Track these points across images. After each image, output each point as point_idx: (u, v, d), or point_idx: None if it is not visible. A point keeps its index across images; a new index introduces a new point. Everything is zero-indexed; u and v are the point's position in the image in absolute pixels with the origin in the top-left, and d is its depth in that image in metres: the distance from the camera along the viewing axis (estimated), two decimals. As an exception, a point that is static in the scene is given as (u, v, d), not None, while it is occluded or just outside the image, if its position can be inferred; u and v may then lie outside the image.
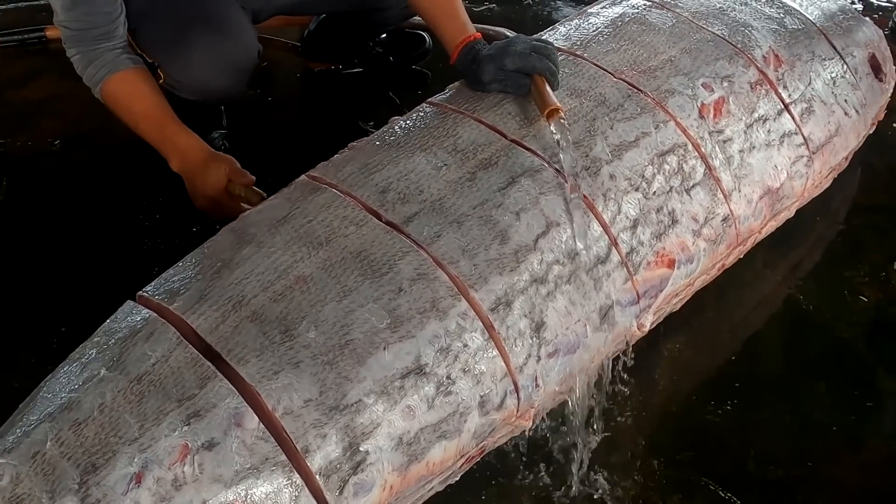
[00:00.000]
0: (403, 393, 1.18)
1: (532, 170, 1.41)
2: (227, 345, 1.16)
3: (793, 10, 1.89)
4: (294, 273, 1.24)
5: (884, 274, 1.88)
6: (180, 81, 1.91)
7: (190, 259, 1.31)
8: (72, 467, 1.05)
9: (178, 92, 1.95)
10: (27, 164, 2.12)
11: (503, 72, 1.52)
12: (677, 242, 1.48)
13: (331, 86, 2.44)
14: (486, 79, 1.53)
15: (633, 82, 1.60)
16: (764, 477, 1.49)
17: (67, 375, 1.16)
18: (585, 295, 1.36)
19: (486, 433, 1.28)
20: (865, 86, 1.90)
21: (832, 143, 1.78)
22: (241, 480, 1.07)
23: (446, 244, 1.30)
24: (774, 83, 1.72)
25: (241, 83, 2.01)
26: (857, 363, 1.70)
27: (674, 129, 1.56)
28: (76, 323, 1.66)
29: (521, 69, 1.51)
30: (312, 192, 1.38)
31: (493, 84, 1.54)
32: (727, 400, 1.60)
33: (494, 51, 1.55)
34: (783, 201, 1.69)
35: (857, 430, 1.57)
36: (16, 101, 2.32)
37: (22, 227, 1.95)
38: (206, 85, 1.92)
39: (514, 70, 1.51)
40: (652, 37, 1.71)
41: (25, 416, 1.12)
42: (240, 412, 1.10)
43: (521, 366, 1.28)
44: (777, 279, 1.86)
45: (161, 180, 2.06)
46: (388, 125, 1.53)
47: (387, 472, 1.16)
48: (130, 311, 1.23)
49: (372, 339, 1.19)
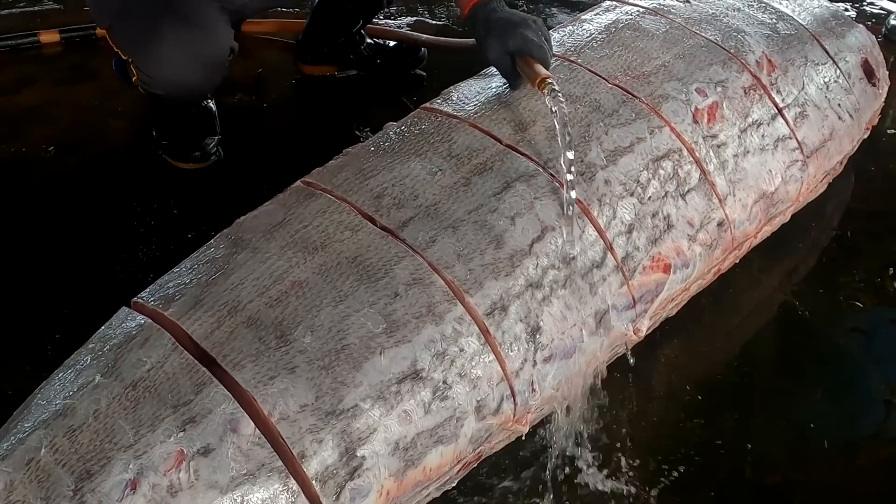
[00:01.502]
0: (400, 398, 1.18)
1: (527, 174, 1.41)
2: (223, 350, 1.15)
3: (785, 15, 1.89)
4: (290, 278, 1.24)
5: (879, 279, 1.88)
6: (151, 77, 1.91)
7: (185, 265, 1.31)
8: (66, 474, 1.04)
9: (150, 89, 1.95)
10: (20, 171, 2.12)
11: (508, 56, 1.52)
12: (673, 247, 1.49)
13: (325, 92, 2.44)
14: (491, 57, 1.55)
15: (628, 88, 1.60)
16: (761, 482, 1.49)
17: (62, 382, 1.15)
18: (581, 299, 1.36)
19: (483, 438, 1.27)
20: (859, 90, 1.90)
21: (826, 147, 1.79)
22: (236, 486, 1.07)
23: (441, 249, 1.30)
24: (768, 88, 1.72)
25: (211, 80, 2.01)
26: (853, 369, 1.70)
27: (668, 135, 1.56)
28: (70, 329, 1.67)
29: (521, 51, 1.51)
30: (308, 197, 1.38)
31: (494, 65, 1.56)
32: (723, 405, 1.60)
33: (503, 28, 1.53)
34: (778, 205, 1.69)
35: (853, 435, 1.58)
36: (8, 107, 2.31)
37: (15, 233, 1.94)
38: (175, 80, 1.91)
39: (515, 51, 1.51)
40: (646, 42, 1.71)
41: (20, 423, 1.11)
42: (235, 418, 1.10)
43: (518, 370, 1.28)
44: (772, 285, 1.86)
45: (155, 186, 2.06)
46: (383, 131, 1.53)
47: (383, 477, 1.16)
48: (125, 317, 1.23)
49: (368, 344, 1.19)
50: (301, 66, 2.51)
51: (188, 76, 1.92)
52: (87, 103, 2.32)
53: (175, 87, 1.95)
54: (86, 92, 2.36)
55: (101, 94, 2.35)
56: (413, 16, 2.79)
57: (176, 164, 2.13)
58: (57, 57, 1.94)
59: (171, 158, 2.14)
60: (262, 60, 2.55)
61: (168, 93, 1.97)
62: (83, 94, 2.36)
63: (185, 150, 2.13)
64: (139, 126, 2.19)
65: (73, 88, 1.79)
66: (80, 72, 2.43)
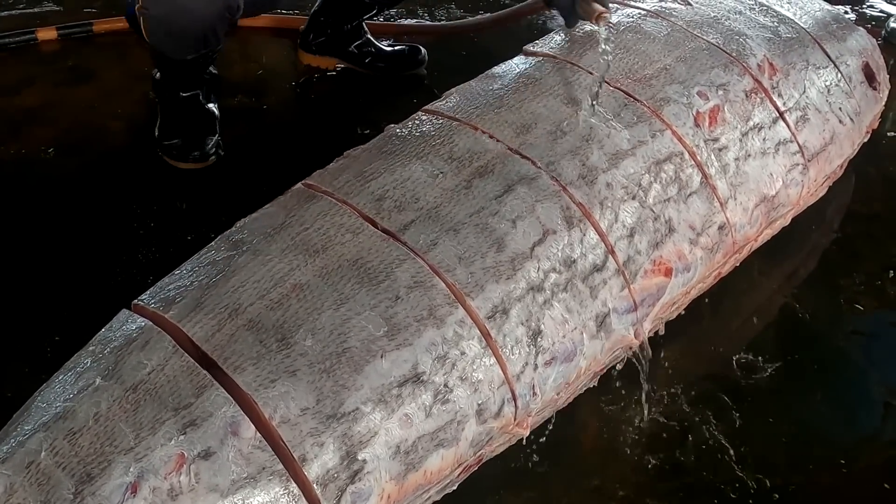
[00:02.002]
0: (401, 401, 1.17)
1: (528, 177, 1.41)
2: (224, 353, 1.15)
3: (786, 18, 1.89)
4: (290, 281, 1.24)
5: (879, 282, 1.88)
6: (159, 13, 1.88)
7: (185, 267, 1.30)
8: (66, 477, 1.04)
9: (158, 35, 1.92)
10: (20, 172, 2.11)
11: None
12: (674, 251, 1.48)
13: (326, 93, 2.44)
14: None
15: (629, 91, 1.60)
16: (761, 485, 1.49)
17: (62, 385, 1.15)
18: (582, 303, 1.36)
19: (484, 442, 1.27)
20: (859, 94, 1.90)
21: (827, 150, 1.79)
22: (237, 490, 1.06)
23: (443, 252, 1.30)
24: (769, 91, 1.72)
25: (221, 18, 1.95)
26: (853, 371, 1.70)
27: (670, 138, 1.56)
28: (70, 332, 1.66)
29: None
30: (308, 200, 1.37)
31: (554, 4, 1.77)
32: (723, 408, 1.60)
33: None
34: (779, 209, 1.69)
35: (853, 438, 1.57)
36: (8, 108, 2.31)
37: (15, 235, 1.93)
38: (183, 8, 1.87)
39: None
40: (647, 45, 1.71)
41: (20, 426, 1.11)
42: (236, 421, 1.09)
43: (519, 374, 1.28)
44: (773, 288, 1.86)
45: (155, 188, 2.06)
46: (384, 133, 1.53)
47: (384, 480, 1.15)
48: (126, 319, 1.22)
49: (369, 347, 1.18)
50: (302, 56, 2.50)
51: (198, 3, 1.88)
52: (86, 104, 2.32)
53: (185, 19, 1.89)
54: (86, 93, 2.36)
55: (101, 95, 2.35)
56: (413, 18, 2.79)
57: (174, 164, 2.13)
58: (57, 58, 1.94)
59: (169, 158, 2.14)
60: (263, 62, 2.55)
61: (176, 38, 1.93)
62: (83, 95, 2.35)
63: (184, 150, 2.13)
64: (139, 127, 2.19)
65: (73, 89, 1.79)
66: (80, 73, 2.43)
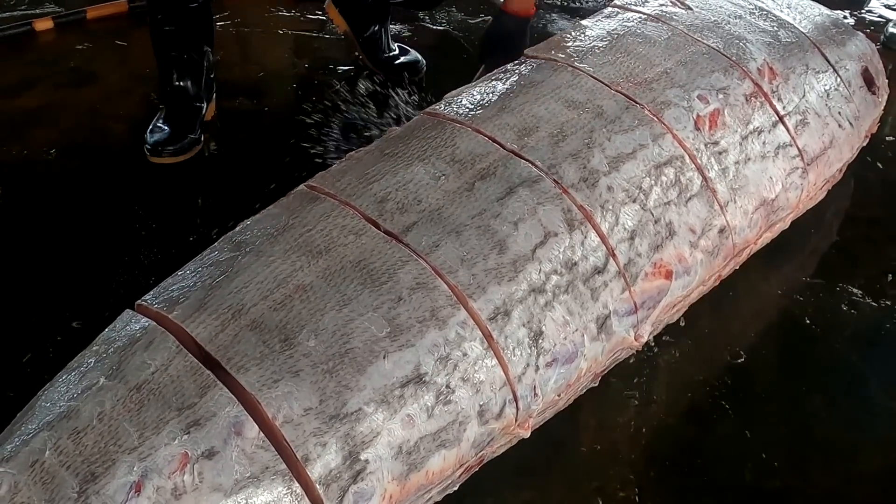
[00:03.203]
0: (403, 402, 1.18)
1: (530, 180, 1.42)
2: (227, 353, 1.15)
3: (786, 23, 1.90)
4: (294, 282, 1.24)
5: (878, 286, 1.89)
6: None
7: (189, 268, 1.31)
8: (71, 476, 1.05)
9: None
10: (22, 174, 2.12)
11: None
12: (675, 254, 1.49)
13: (325, 94, 2.44)
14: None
15: (630, 94, 1.61)
16: (761, 488, 1.49)
17: (66, 384, 1.15)
18: (583, 305, 1.37)
19: (486, 442, 1.28)
20: (859, 98, 1.91)
21: (826, 154, 1.79)
22: (240, 489, 1.07)
23: (445, 254, 1.30)
24: (769, 95, 1.73)
25: None
26: (852, 375, 1.70)
27: (671, 141, 1.56)
28: (73, 332, 1.67)
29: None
30: (311, 201, 1.38)
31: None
32: (723, 411, 1.60)
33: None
34: (778, 212, 1.70)
35: (852, 441, 1.58)
36: (10, 110, 2.31)
37: (18, 236, 1.94)
38: None
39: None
40: (648, 49, 1.72)
41: (24, 425, 1.11)
42: (240, 421, 1.10)
43: (520, 375, 1.28)
44: (772, 291, 1.87)
45: (157, 189, 2.06)
46: (386, 135, 1.54)
47: (386, 480, 1.16)
48: (129, 319, 1.23)
49: (372, 348, 1.19)
50: (328, 8, 2.51)
51: None
52: (88, 106, 2.33)
53: None
54: (87, 95, 2.37)
55: (102, 97, 2.36)
56: (414, 21, 2.79)
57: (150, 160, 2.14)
58: (58, 60, 1.94)
59: (148, 153, 2.14)
60: (263, 64, 2.56)
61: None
62: (84, 96, 2.36)
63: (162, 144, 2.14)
64: (140, 129, 2.19)
65: (74, 91, 1.79)
66: (82, 75, 2.44)
